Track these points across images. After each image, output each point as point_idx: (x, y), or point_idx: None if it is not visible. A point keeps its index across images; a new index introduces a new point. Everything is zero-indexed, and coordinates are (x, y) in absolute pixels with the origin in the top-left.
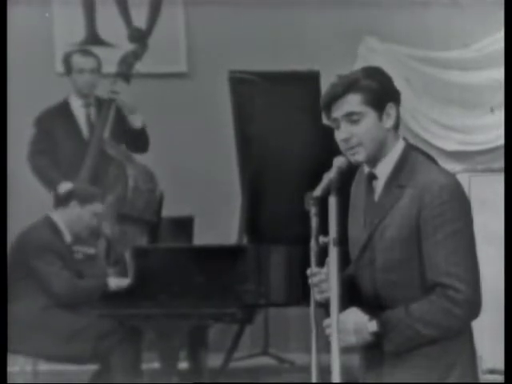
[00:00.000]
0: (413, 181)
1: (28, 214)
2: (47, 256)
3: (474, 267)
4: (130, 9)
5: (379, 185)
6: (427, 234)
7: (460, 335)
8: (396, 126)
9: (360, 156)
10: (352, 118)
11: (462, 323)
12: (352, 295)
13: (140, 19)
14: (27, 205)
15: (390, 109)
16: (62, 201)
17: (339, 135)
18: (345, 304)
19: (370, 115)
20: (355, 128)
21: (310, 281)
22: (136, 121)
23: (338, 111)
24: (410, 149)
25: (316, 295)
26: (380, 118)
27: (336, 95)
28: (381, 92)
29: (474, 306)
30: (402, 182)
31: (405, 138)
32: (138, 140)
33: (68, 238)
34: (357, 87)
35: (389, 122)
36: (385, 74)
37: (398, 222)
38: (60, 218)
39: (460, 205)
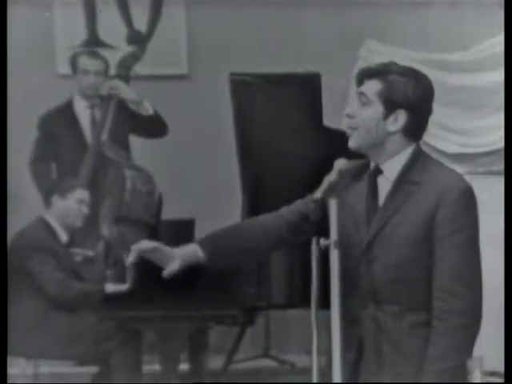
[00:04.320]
0: (426, 178)
1: (28, 215)
2: (40, 255)
3: (479, 275)
4: (131, 10)
5: (387, 181)
6: (443, 235)
7: None
8: (408, 134)
9: (352, 141)
10: (362, 99)
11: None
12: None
13: (141, 21)
14: (27, 206)
15: (400, 115)
16: (45, 201)
17: (347, 108)
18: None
19: (377, 108)
20: (360, 110)
21: None
22: (146, 109)
23: (360, 86)
24: (420, 149)
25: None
26: (386, 117)
27: (366, 73)
28: (400, 96)
29: (475, 319)
30: (414, 178)
31: (417, 144)
32: (153, 126)
33: (64, 237)
34: (384, 77)
35: (393, 126)
36: (424, 86)
37: (414, 219)
38: (52, 216)
39: (476, 212)
